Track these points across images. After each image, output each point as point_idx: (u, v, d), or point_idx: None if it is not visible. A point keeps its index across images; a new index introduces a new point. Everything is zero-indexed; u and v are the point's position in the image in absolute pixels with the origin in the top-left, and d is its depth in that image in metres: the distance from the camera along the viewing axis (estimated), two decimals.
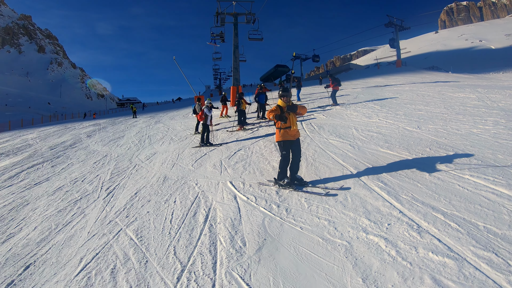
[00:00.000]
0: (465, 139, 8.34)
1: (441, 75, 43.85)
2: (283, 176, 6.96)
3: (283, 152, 6.98)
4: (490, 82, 28.02)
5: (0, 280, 5.16)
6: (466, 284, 3.21)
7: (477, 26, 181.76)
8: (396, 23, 63.92)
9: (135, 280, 4.26)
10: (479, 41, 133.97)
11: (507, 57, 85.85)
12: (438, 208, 4.86)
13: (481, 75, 48.33)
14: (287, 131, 6.92)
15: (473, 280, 3.26)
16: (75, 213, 7.87)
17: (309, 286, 3.59)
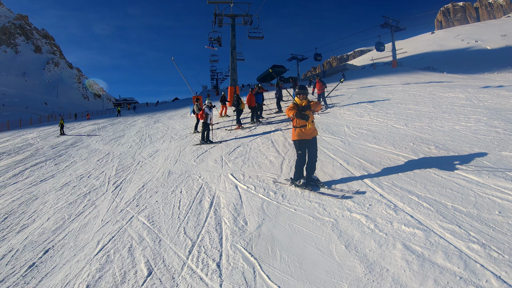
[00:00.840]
0: (447, 135, 9.08)
1: (435, 75, 44.48)
2: (299, 176, 6.82)
3: (298, 151, 6.79)
4: (483, 82, 28.67)
5: (21, 264, 5.68)
6: (431, 249, 3.93)
7: (473, 27, 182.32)
8: (392, 24, 64.67)
9: (151, 255, 4.94)
10: (475, 41, 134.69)
11: (503, 58, 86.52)
12: (414, 191, 5.62)
13: (476, 76, 49.00)
14: (303, 130, 6.71)
15: (437, 246, 3.98)
16: (86, 205, 8.41)
17: (301, 253, 4.32)
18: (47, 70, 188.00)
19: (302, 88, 6.98)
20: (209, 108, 14.59)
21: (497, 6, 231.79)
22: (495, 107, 12.67)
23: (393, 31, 65.03)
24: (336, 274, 3.75)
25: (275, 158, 9.39)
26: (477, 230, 4.19)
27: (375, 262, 3.86)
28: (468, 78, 41.42)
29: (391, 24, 64.53)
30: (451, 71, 59.03)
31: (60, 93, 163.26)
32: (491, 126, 9.52)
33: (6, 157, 19.92)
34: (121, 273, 4.55)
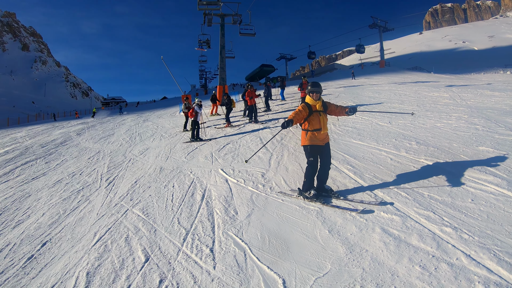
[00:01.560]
0: (428, 131, 9.53)
1: (423, 75, 45.19)
2: (309, 187, 5.99)
3: (310, 158, 5.99)
4: (468, 82, 29.34)
5: (20, 256, 5.86)
6: (407, 232, 4.34)
7: (461, 28, 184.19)
8: (380, 25, 65.40)
9: (147, 243, 5.25)
10: (463, 42, 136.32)
11: (489, 58, 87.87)
12: (393, 183, 6.07)
13: (463, 76, 49.78)
14: (316, 134, 5.93)
15: (412, 229, 4.38)
16: (80, 200, 8.59)
17: (288, 238, 4.70)
18: (35, 68, 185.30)
19: (316, 86, 6.07)
20: (199, 106, 14.90)
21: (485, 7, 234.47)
22: (477, 105, 13.18)
23: (381, 31, 65.81)
24: (320, 255, 4.14)
25: (264, 154, 9.73)
26: (450, 215, 4.60)
27: (356, 244, 4.26)
28: (455, 78, 42.20)
29: (379, 24, 65.26)
30: (438, 71, 59.91)
31: (48, 92, 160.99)
32: (471, 124, 9.99)
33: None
34: (120, 260, 4.85)
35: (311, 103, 6.01)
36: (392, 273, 3.58)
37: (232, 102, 17.95)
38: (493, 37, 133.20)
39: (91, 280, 4.45)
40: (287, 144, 10.33)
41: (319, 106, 5.99)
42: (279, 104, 22.54)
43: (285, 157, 9.03)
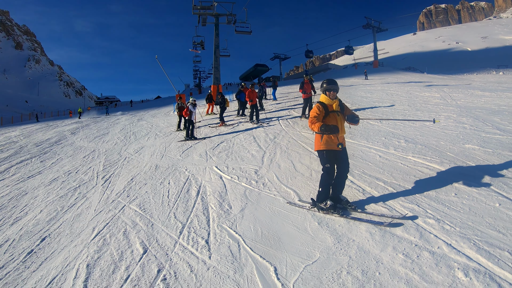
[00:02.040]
0: (417, 130, 9.84)
1: (416, 75, 45.70)
2: (325, 197, 5.40)
3: (326, 165, 5.36)
4: (460, 82, 29.78)
5: (19, 251, 6.04)
6: (392, 223, 4.61)
7: (454, 29, 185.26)
8: (374, 25, 66.03)
9: (145, 236, 5.48)
10: (456, 43, 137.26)
11: (482, 59, 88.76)
12: (381, 178, 6.36)
13: (455, 76, 50.26)
14: (332, 138, 5.30)
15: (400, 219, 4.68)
16: (77, 197, 8.80)
17: (280, 229, 4.97)
18: (28, 67, 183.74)
19: (333, 83, 5.50)
20: (193, 105, 15.14)
21: (479, 8, 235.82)
22: (467, 105, 13.54)
23: (375, 32, 66.52)
24: (310, 245, 4.40)
25: (257, 152, 10.02)
26: (434, 208, 4.88)
27: (344, 234, 4.53)
28: (447, 78, 42.68)
29: (373, 25, 65.91)
30: (432, 71, 60.43)
31: (41, 91, 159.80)
32: (459, 123, 10.33)
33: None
34: (119, 252, 5.07)
35: (327, 102, 5.44)
36: (376, 260, 3.84)
37: (226, 102, 18.27)
38: (486, 38, 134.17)
39: (91, 272, 4.65)
40: (279, 142, 10.60)
41: (336, 105, 5.45)
42: (272, 104, 22.83)
43: (278, 155, 9.30)
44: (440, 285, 3.29)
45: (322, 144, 5.34)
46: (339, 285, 3.50)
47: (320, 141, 5.38)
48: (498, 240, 3.88)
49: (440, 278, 3.38)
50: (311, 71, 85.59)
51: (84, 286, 4.31)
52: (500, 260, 3.50)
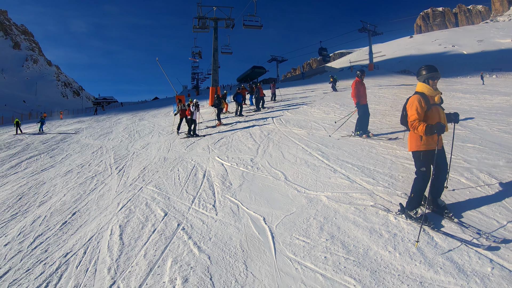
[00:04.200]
0: (391, 127, 11.59)
1: (409, 78, 46.99)
2: (416, 205, 4.89)
3: (421, 168, 4.81)
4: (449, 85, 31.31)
5: (54, 223, 7.43)
6: (351, 189, 6.34)
7: (451, 32, 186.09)
8: (370, 29, 67.30)
9: (164, 206, 7.12)
10: (452, 46, 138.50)
11: (477, 62, 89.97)
12: (351, 162, 8.11)
13: (449, 79, 51.48)
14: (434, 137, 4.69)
15: (356, 188, 6.46)
16: (96, 183, 10.20)
17: (268, 196, 6.69)
18: (26, 67, 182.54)
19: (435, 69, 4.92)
20: (196, 106, 16.70)
21: (476, 12, 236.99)
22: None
23: (370, 35, 67.62)
24: (289, 204, 6.13)
25: (253, 145, 11.66)
26: (385, 181, 6.60)
27: (315, 197, 6.27)
28: (440, 81, 43.86)
29: (368, 28, 67.13)
30: None
31: (39, 91, 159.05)
32: None
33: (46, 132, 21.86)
34: (144, 216, 6.69)
35: (428, 93, 4.83)
36: (335, 211, 5.54)
37: (222, 103, 19.88)
38: (482, 41, 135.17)
39: (123, 230, 6.21)
40: (272, 138, 12.24)
41: (438, 98, 4.91)
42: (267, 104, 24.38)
43: (270, 147, 10.95)
44: None
45: (422, 145, 4.73)
46: (307, 225, 5.20)
47: (419, 140, 4.76)
48: None
49: None
50: (308, 73, 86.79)
51: (120, 238, 5.86)
52: None
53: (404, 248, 4.18)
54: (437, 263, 3.83)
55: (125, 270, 4.73)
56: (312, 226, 5.14)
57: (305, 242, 4.70)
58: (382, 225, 4.86)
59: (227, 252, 4.76)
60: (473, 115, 12.34)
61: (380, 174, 7.01)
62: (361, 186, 6.51)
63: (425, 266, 3.77)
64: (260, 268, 4.26)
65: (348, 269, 3.94)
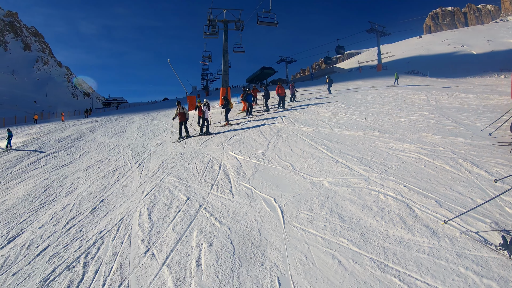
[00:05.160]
0: (391, 125, 12.45)
1: (417, 79, 47.31)
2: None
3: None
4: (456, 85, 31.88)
5: (84, 209, 8.38)
6: (350, 175, 7.31)
7: (460, 32, 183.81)
8: (378, 29, 67.69)
9: (185, 192, 8.13)
10: (461, 46, 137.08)
11: (487, 62, 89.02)
12: (352, 154, 9.11)
13: (457, 80, 51.68)
14: None
15: (354, 174, 7.44)
16: (118, 175, 11.13)
17: (278, 182, 7.72)
18: (37, 68, 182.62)
19: None
20: (207, 106, 17.66)
21: (485, 11, 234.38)
22: (444, 105, 16.07)
23: (378, 36, 67.90)
24: (296, 188, 7.15)
25: (263, 141, 12.63)
26: (379, 169, 7.59)
27: (318, 182, 7.28)
28: (448, 81, 44.27)
29: (376, 29, 67.47)
30: (436, 75, 61.28)
31: (50, 92, 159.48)
32: (427, 118, 12.91)
33: (15, 149, 21.86)
34: (169, 200, 7.70)
35: None
36: (335, 192, 6.55)
37: (229, 104, 20.80)
38: (492, 41, 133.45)
39: (151, 211, 7.22)
40: (282, 135, 13.19)
41: None
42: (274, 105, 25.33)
43: (279, 142, 11.92)
44: None
45: None
46: (310, 203, 6.21)
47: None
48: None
49: None
50: (317, 74, 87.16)
51: (149, 217, 6.87)
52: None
53: (389, 218, 5.20)
54: (415, 228, 4.84)
55: (156, 240, 5.73)
56: (315, 204, 6.15)
57: (309, 215, 5.72)
58: (373, 202, 5.87)
59: (243, 224, 5.77)
60: (471, 114, 13.19)
61: (376, 164, 7.99)
62: (358, 173, 7.49)
63: (405, 231, 4.80)
64: (272, 234, 5.27)
65: (343, 233, 4.96)
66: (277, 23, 33.12)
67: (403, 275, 3.85)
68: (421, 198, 5.77)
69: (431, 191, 6.00)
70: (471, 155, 7.76)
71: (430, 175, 6.79)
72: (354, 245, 4.62)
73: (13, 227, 7.84)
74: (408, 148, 8.91)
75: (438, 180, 6.49)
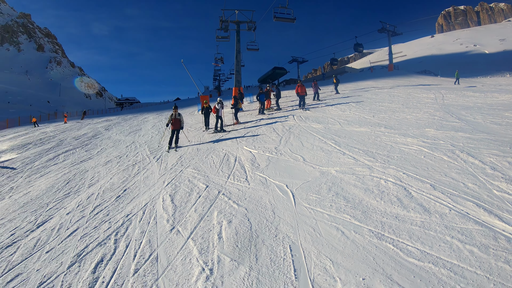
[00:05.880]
0: (397, 121, 13.08)
1: (428, 78, 47.53)
2: None
3: None
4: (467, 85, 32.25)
5: (109, 197, 8.96)
6: (356, 165, 8.01)
7: (472, 31, 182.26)
8: (389, 29, 67.88)
9: (204, 181, 8.86)
10: (474, 45, 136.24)
11: (500, 62, 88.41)
12: (358, 147, 9.79)
13: (469, 79, 51.72)
14: None
15: (359, 164, 8.14)
16: (138, 169, 11.78)
17: (290, 172, 8.46)
18: (50, 68, 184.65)
19: None
20: (221, 104, 18.46)
21: (498, 10, 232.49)
22: (450, 103, 16.63)
23: (389, 36, 68.10)
24: (306, 176, 7.89)
25: (276, 137, 13.37)
26: (383, 159, 8.26)
27: (326, 171, 8.00)
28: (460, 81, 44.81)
29: (388, 29, 67.70)
30: (447, 74, 61.15)
31: (63, 92, 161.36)
32: (432, 115, 13.52)
33: (33, 146, 22.82)
34: (189, 188, 8.43)
35: None
36: (341, 179, 7.26)
37: (238, 103, 21.56)
38: (505, 40, 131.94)
39: (173, 197, 7.93)
40: (293, 131, 13.92)
41: None
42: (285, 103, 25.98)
43: (291, 138, 12.65)
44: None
45: None
46: (319, 188, 6.94)
47: None
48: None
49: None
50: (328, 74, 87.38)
51: (172, 202, 7.58)
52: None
53: (388, 199, 5.89)
54: (410, 206, 5.53)
55: (180, 220, 6.45)
56: (323, 188, 6.87)
57: (317, 197, 6.44)
58: (374, 186, 6.56)
59: (259, 205, 6.52)
60: (474, 111, 13.73)
61: (380, 155, 8.66)
62: (363, 163, 8.18)
63: (401, 208, 5.49)
64: (284, 212, 6.01)
65: (346, 211, 5.67)
66: (295, 19, 32.61)
67: (397, 242, 4.54)
68: (417, 182, 6.41)
69: (427, 177, 6.63)
70: (469, 147, 8.34)
71: (428, 164, 7.43)
72: (355, 219, 5.31)
73: (40, 214, 8.40)
74: (411, 142, 9.55)
75: (435, 168, 7.12)
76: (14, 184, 12.59)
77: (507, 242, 4.18)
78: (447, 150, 8.30)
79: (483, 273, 3.67)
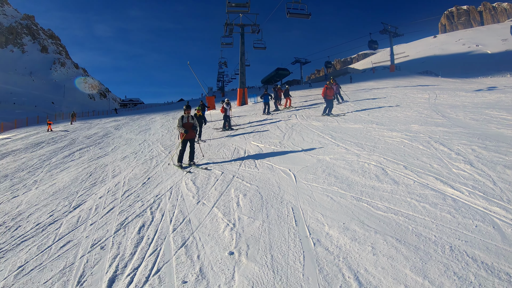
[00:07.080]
0: (388, 119, 14.75)
1: (429, 79, 48.69)
2: None
3: None
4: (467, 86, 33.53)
5: (135, 184, 10.13)
6: (347, 154, 9.73)
7: (475, 31, 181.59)
8: (391, 30, 69.38)
9: (219, 169, 10.42)
10: (476, 45, 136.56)
11: (501, 62, 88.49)
12: (351, 140, 11.52)
13: (469, 80, 52.66)
14: None
15: (350, 153, 9.83)
16: (157, 162, 12.97)
17: (293, 160, 10.15)
18: (54, 70, 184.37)
19: None
20: (227, 104, 20.19)
21: (501, 10, 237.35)
22: (441, 103, 18.28)
23: (391, 37, 69.45)
24: (305, 162, 9.60)
25: (280, 134, 15.06)
26: (369, 149, 9.96)
27: (322, 158, 9.70)
28: (459, 81, 45.57)
29: (389, 30, 69.12)
30: (449, 75, 61.73)
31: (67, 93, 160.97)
32: (420, 113, 15.19)
33: (46, 145, 23.76)
34: (207, 175, 9.95)
35: None
36: (333, 164, 8.96)
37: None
38: (507, 40, 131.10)
39: (194, 181, 9.45)
40: (295, 128, 15.63)
41: None
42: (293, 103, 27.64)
43: (294, 134, 14.34)
44: None
45: None
46: (315, 170, 8.64)
47: None
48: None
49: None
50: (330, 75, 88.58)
51: (194, 184, 9.09)
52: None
53: (368, 176, 7.60)
54: (384, 180, 7.25)
55: (204, 196, 7.98)
56: (318, 171, 8.55)
57: (313, 176, 8.13)
58: (359, 168, 8.25)
59: (267, 183, 8.18)
60: (459, 109, 15.36)
61: (367, 146, 10.37)
62: (353, 152, 9.87)
63: (377, 182, 7.18)
64: (287, 187, 7.69)
65: (335, 184, 7.37)
66: (310, 15, 32.75)
67: (370, 202, 6.19)
68: (393, 165, 8.08)
69: (402, 161, 8.30)
70: (443, 138, 9.98)
71: (406, 152, 9.10)
72: (342, 189, 6.97)
73: (73, 200, 9.14)
74: (395, 135, 11.25)
75: (410, 154, 8.80)
76: (36, 178, 13.26)
77: (452, 201, 5.81)
78: (424, 141, 9.98)
79: (430, 219, 5.30)
